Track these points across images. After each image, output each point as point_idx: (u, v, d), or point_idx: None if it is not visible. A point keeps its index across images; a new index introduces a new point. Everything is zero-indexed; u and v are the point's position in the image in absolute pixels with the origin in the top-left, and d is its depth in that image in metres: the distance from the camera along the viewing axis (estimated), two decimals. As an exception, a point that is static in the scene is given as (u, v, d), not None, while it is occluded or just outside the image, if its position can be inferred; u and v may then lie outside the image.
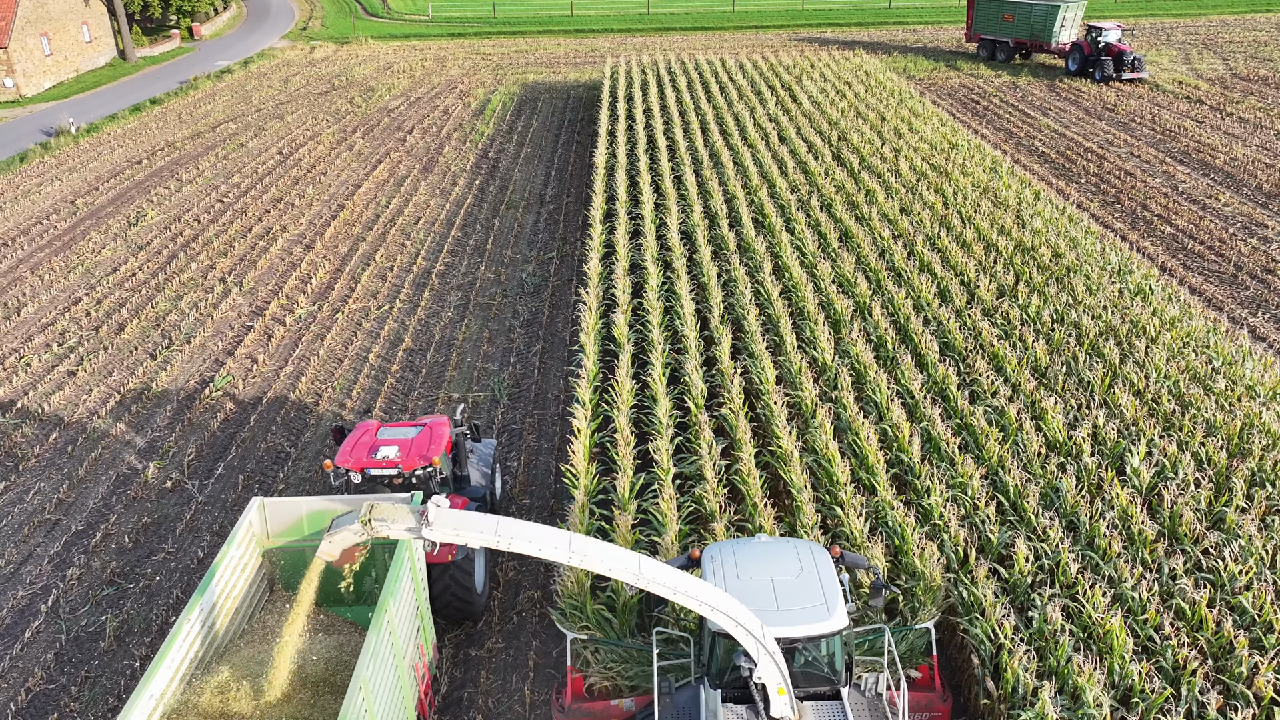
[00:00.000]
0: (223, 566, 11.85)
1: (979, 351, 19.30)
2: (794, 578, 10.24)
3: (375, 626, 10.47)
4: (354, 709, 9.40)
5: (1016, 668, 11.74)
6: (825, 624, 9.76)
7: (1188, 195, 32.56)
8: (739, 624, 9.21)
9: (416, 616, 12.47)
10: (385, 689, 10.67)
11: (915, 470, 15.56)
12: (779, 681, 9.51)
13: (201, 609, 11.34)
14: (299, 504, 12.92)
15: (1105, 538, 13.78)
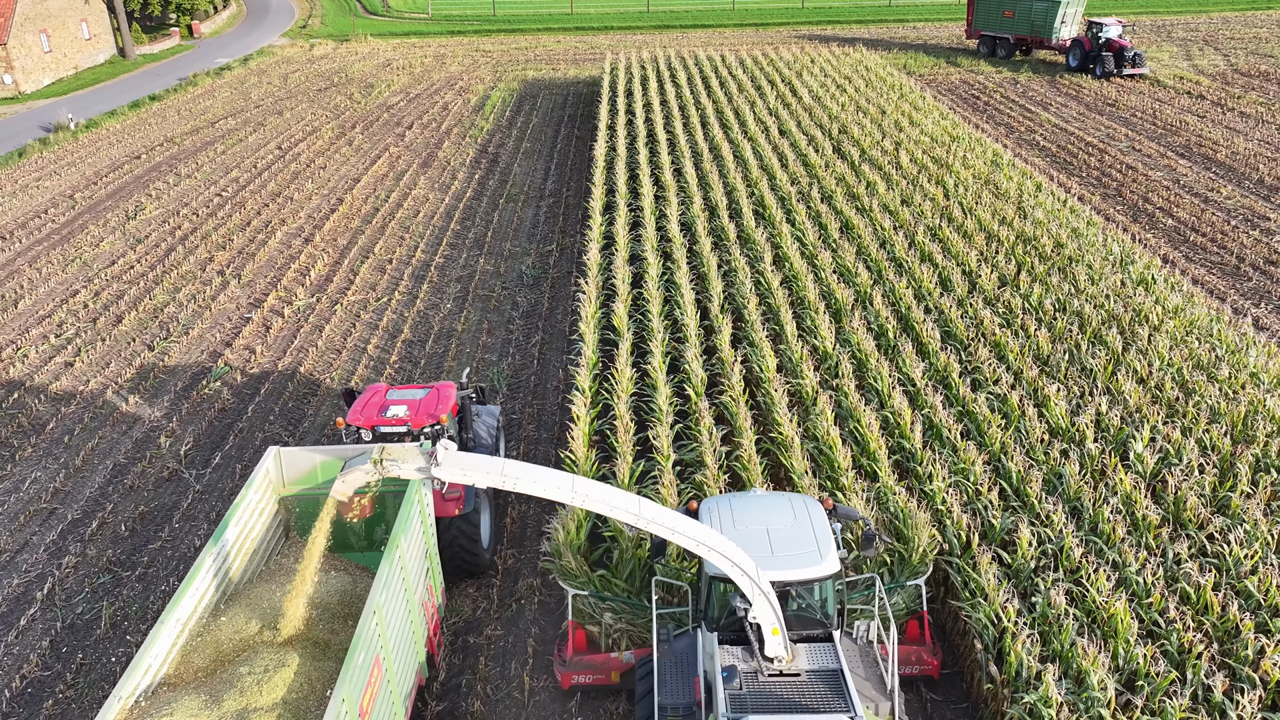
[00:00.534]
0: (241, 508, 12.20)
1: (981, 340, 19.19)
2: (788, 526, 10.51)
3: (388, 559, 10.84)
4: (368, 631, 9.74)
5: (1020, 651, 11.61)
6: (817, 568, 10.04)
7: (1189, 189, 32.44)
8: (734, 564, 9.45)
9: (426, 560, 12.89)
10: (397, 618, 11.07)
11: (917, 456, 15.45)
12: (773, 622, 9.79)
13: (222, 546, 11.65)
14: (313, 453, 13.29)
15: (1109, 523, 13.66)
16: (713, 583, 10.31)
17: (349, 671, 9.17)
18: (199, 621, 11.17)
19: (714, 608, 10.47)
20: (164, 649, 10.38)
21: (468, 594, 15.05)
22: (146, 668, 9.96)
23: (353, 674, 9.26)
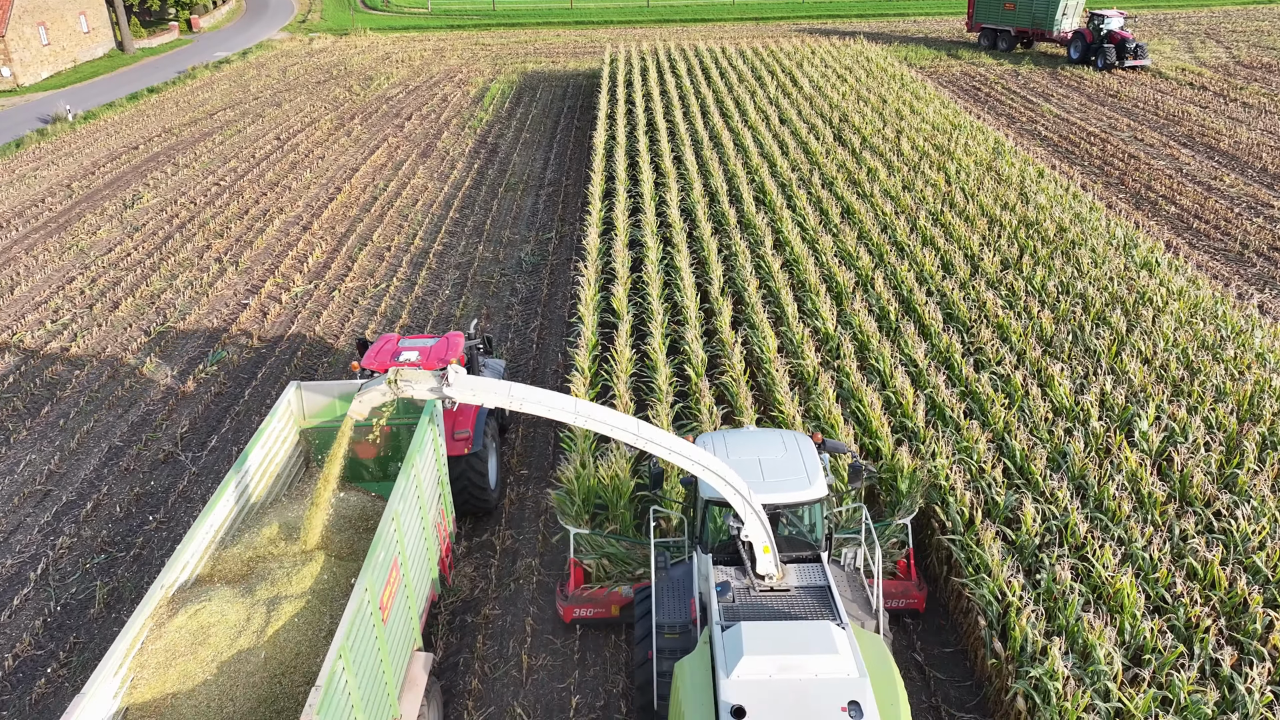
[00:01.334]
0: (265, 436, 12.78)
1: (984, 321, 19.03)
2: (779, 456, 11.05)
3: (404, 473, 11.39)
4: (387, 534, 10.30)
5: (1025, 625, 11.45)
6: (806, 492, 10.55)
7: (1192, 177, 32.27)
8: (728, 483, 9.95)
9: (438, 486, 13.51)
10: (413, 529, 11.69)
11: (920, 435, 15.28)
12: (764, 540, 10.33)
13: (247, 469, 12.21)
14: (331, 387, 13.96)
15: (1115, 499, 13.50)
16: (708, 506, 10.84)
17: (370, 565, 9.64)
18: (228, 531, 11.74)
19: (709, 530, 11.00)
20: (199, 548, 11.00)
21: (465, 574, 14.89)
22: (184, 564, 10.58)
23: (374, 568, 9.70)
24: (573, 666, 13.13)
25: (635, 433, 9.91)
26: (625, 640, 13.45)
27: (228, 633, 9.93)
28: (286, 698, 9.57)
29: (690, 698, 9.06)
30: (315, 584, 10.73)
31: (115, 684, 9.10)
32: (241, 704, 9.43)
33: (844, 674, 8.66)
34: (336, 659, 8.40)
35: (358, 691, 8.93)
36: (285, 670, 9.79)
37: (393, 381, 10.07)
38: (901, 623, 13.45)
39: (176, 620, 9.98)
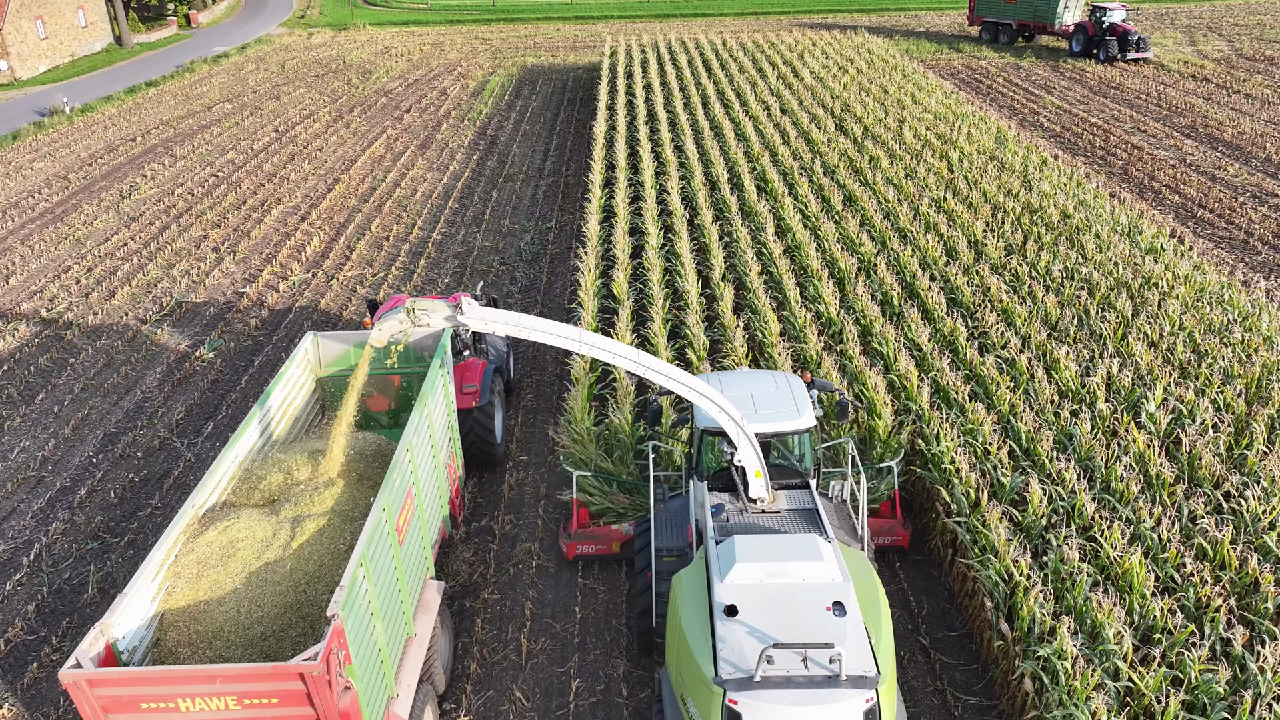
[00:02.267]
0: (284, 380, 13.40)
1: (988, 306, 18.83)
2: (770, 392, 11.78)
3: (418, 409, 11.98)
4: (402, 463, 10.97)
5: (1033, 605, 11.25)
6: (795, 422, 11.25)
7: (1196, 167, 32.06)
8: (722, 409, 10.51)
9: (449, 430, 14.12)
10: (426, 464, 12.29)
11: (925, 417, 15.07)
12: (756, 465, 10.96)
13: (268, 408, 12.84)
14: (347, 336, 14.66)
15: (1123, 481, 13.30)
16: (703, 436, 11.56)
17: (387, 487, 10.34)
18: (251, 462, 12.24)
19: (705, 459, 11.74)
20: (227, 473, 11.61)
21: (464, 559, 14.69)
22: (212, 488, 11.20)
23: (390, 491, 10.38)
24: (572, 650, 12.95)
25: (636, 360, 10.51)
26: (626, 602, 13.76)
27: (255, 547, 10.55)
28: (310, 604, 10.15)
29: (687, 602, 9.77)
30: (336, 505, 11.31)
31: (152, 590, 9.76)
32: (269, 610, 10.06)
33: (829, 579, 9.46)
34: (358, 566, 9.11)
35: (376, 600, 9.60)
36: (309, 580, 10.37)
37: (410, 310, 10.56)
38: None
39: (207, 536, 10.58)
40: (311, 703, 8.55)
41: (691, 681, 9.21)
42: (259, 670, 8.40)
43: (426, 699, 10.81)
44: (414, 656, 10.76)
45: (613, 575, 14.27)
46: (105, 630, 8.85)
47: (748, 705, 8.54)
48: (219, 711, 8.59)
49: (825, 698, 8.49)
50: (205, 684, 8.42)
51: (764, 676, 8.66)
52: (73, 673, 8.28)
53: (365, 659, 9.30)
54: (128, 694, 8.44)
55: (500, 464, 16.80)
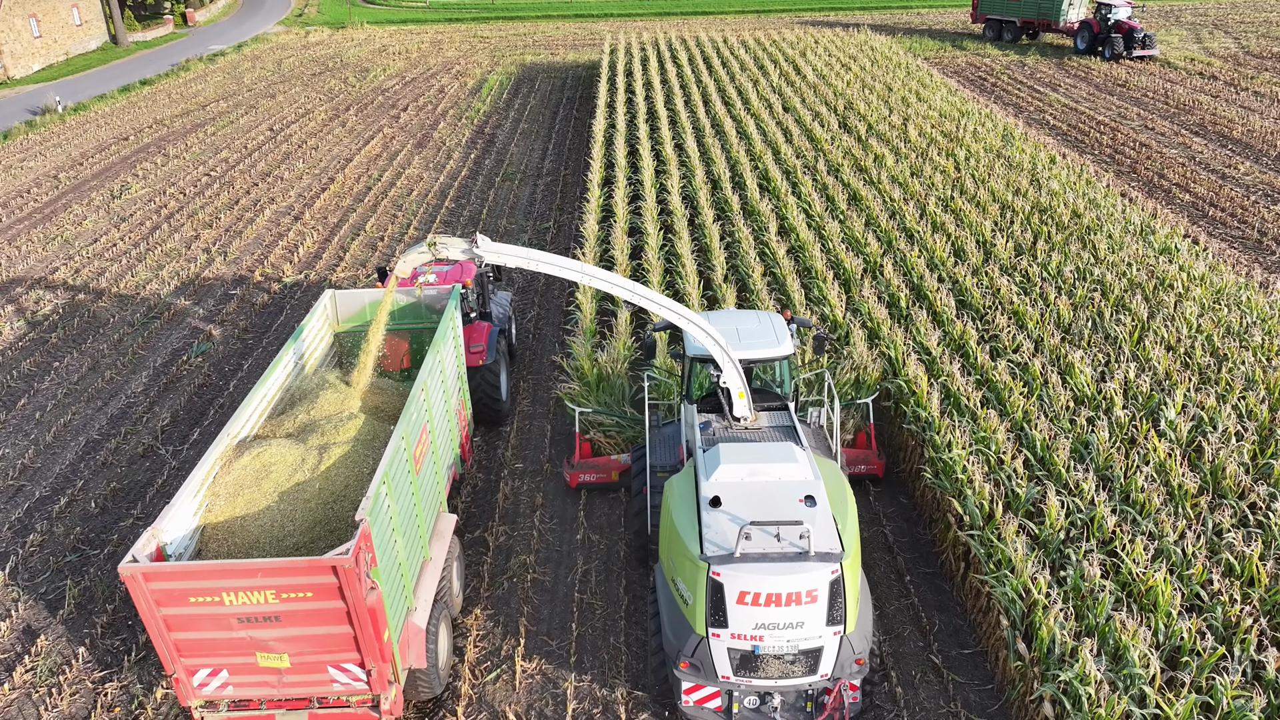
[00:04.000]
0: (305, 333, 14.18)
1: (998, 308, 18.24)
2: (753, 326, 13.09)
3: (432, 353, 12.96)
4: (418, 400, 11.90)
5: (1053, 625, 10.66)
6: (775, 350, 12.56)
7: (1206, 165, 31.47)
8: (708, 334, 11.73)
9: (459, 380, 15.06)
10: (439, 405, 13.20)
11: (935, 424, 14.49)
12: (740, 386, 12.21)
13: (290, 358, 13.64)
14: (362, 295, 15.52)
15: (1143, 491, 12.71)
16: (693, 363, 12.90)
17: (406, 418, 11.28)
18: (278, 403, 13.15)
19: (694, 384, 13.14)
20: (257, 409, 12.43)
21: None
22: (245, 420, 12.02)
23: (409, 421, 11.34)
24: (569, 670, 12.36)
25: (633, 290, 11.67)
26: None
27: (286, 469, 11.38)
28: (337, 520, 11.09)
29: (678, 500, 11.04)
30: (359, 435, 12.11)
31: (194, 505, 10.63)
32: (299, 524, 10.97)
33: (802, 477, 10.80)
34: (381, 483, 10.00)
35: (397, 517, 10.51)
36: (335, 499, 11.29)
37: (432, 244, 11.63)
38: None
39: (242, 460, 11.34)
40: (343, 595, 9.30)
41: (680, 562, 10.46)
42: (296, 564, 9.21)
43: (441, 617, 11.71)
44: (430, 577, 11.67)
45: (611, 588, 13.70)
46: (156, 534, 9.76)
47: (729, 576, 9.82)
48: (259, 605, 9.40)
49: (796, 569, 9.79)
50: (247, 578, 9.23)
51: (743, 553, 9.94)
52: (131, 567, 9.11)
53: (388, 567, 10.11)
54: (178, 587, 9.30)
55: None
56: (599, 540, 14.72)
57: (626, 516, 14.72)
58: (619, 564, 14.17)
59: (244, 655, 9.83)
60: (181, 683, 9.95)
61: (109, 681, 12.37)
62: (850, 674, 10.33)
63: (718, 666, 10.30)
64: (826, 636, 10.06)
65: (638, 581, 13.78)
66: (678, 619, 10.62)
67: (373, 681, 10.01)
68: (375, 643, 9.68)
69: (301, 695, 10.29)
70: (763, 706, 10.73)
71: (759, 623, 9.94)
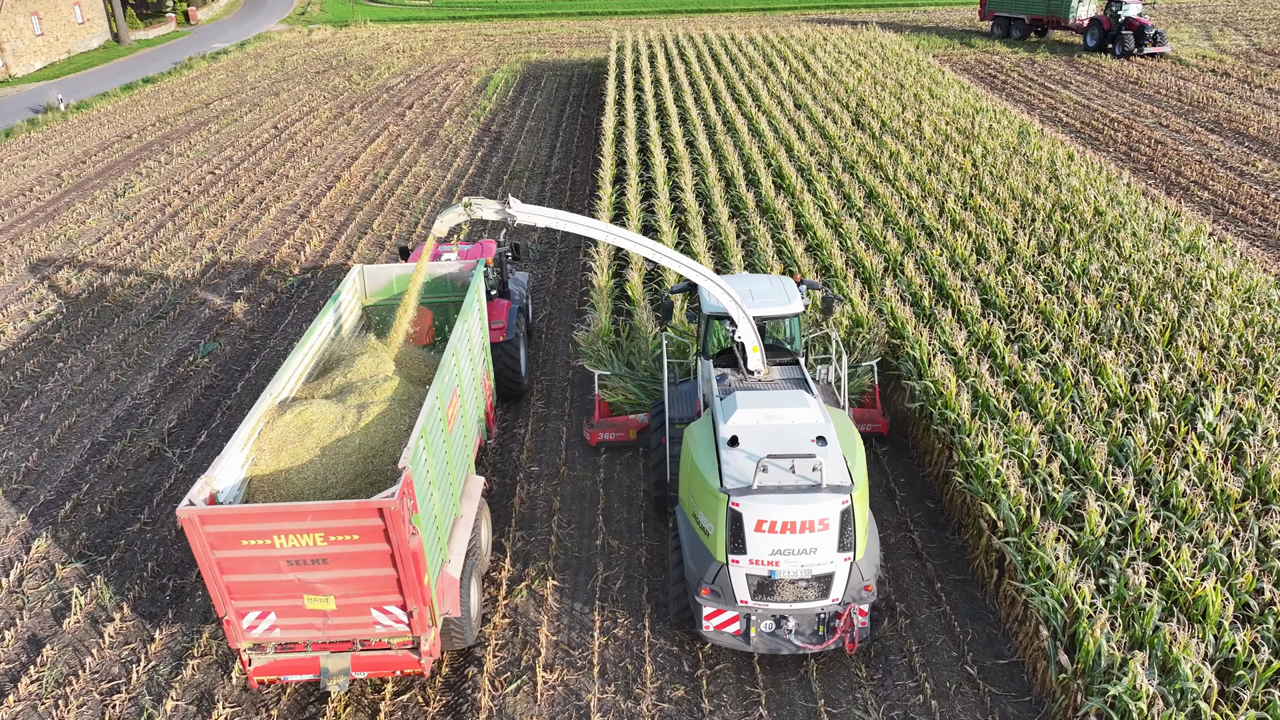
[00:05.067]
0: (337, 303, 14.83)
1: (1024, 307, 17.81)
2: (766, 287, 13.93)
3: (461, 322, 13.61)
4: (449, 365, 12.46)
5: (1099, 636, 10.25)
6: (787, 307, 13.41)
7: (1223, 162, 31.05)
8: (725, 291, 12.49)
9: (484, 351, 15.69)
10: (467, 372, 13.79)
11: (965, 427, 14.07)
12: (753, 341, 12.97)
13: (326, 323, 14.29)
14: (390, 269, 16.19)
15: (1186, 496, 12.29)
16: (709, 320, 13.75)
17: (439, 379, 11.90)
18: (314, 367, 13.78)
19: (710, 340, 13.99)
20: (298, 368, 13.10)
21: (473, 579, 13.71)
22: (285, 381, 12.60)
23: (442, 381, 11.94)
24: (592, 681, 11.96)
25: (654, 248, 12.43)
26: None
27: (327, 426, 11.87)
28: (376, 473, 11.62)
29: (698, 442, 11.76)
30: (395, 395, 12.64)
31: (241, 457, 11.11)
32: (341, 477, 11.53)
33: (813, 420, 11.63)
34: (419, 437, 10.55)
35: (433, 470, 11.08)
36: (374, 453, 11.84)
37: (467, 204, 12.24)
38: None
39: (285, 418, 11.83)
40: (387, 538, 9.79)
41: (701, 497, 11.20)
42: (344, 507, 9.67)
43: (473, 570, 12.25)
44: (461, 533, 12.24)
45: (633, 595, 13.30)
46: (209, 481, 10.23)
47: (747, 506, 10.60)
48: (308, 548, 9.87)
49: (809, 499, 10.57)
50: (298, 520, 9.69)
51: (760, 485, 10.68)
52: (188, 510, 9.56)
53: (426, 516, 10.62)
54: (232, 530, 9.76)
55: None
56: (619, 546, 14.32)
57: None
58: (640, 570, 13.77)
59: (292, 598, 10.30)
60: (231, 625, 10.43)
61: (116, 694, 11.97)
62: (859, 599, 11.19)
63: (737, 592, 11.08)
64: (837, 562, 10.88)
65: (660, 589, 13.38)
66: (699, 550, 11.39)
67: (414, 623, 10.49)
68: (417, 585, 10.17)
69: (345, 638, 10.75)
70: (778, 630, 11.42)
71: (775, 549, 10.74)
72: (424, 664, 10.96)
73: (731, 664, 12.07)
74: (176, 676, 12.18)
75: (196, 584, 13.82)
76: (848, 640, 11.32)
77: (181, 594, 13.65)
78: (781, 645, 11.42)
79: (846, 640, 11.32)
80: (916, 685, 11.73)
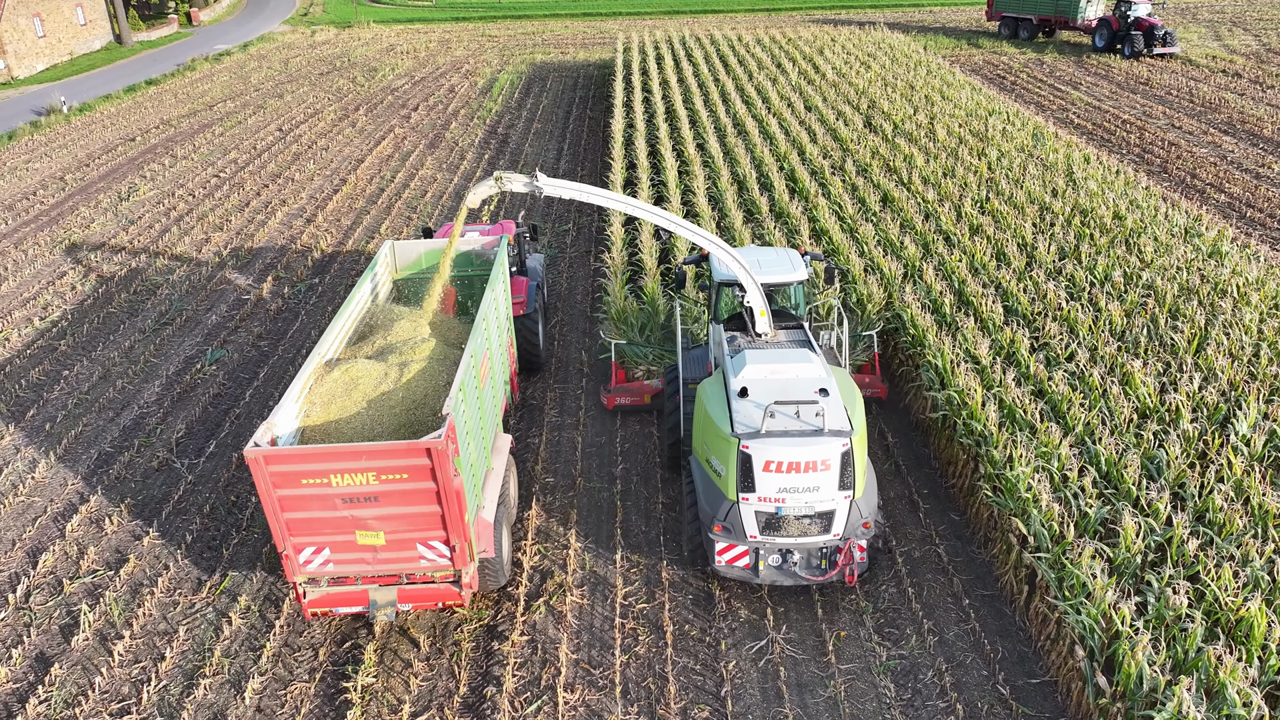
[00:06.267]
0: (372, 275, 15.78)
1: (1047, 314, 17.50)
2: (773, 257, 14.86)
3: (490, 290, 14.60)
4: (479, 329, 13.27)
5: (1140, 659, 9.94)
6: (792, 275, 14.41)
7: (1238, 164, 30.72)
8: (735, 258, 13.46)
9: (508, 320, 16.51)
10: (494, 338, 14.65)
11: (992, 439, 13.76)
12: (761, 305, 13.87)
13: (362, 292, 15.19)
14: (419, 245, 17.02)
15: (1224, 512, 11.97)
16: (720, 287, 14.72)
17: (473, 339, 12.93)
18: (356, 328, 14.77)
19: (720, 305, 14.92)
20: (344, 327, 14.18)
21: (490, 595, 13.41)
22: (331, 341, 13.62)
23: (475, 340, 12.94)
24: (614, 701, 11.65)
25: (669, 218, 13.45)
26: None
27: (372, 382, 12.81)
28: (418, 424, 12.51)
29: (710, 396, 12.84)
30: (432, 354, 13.59)
31: (295, 409, 12.05)
32: (386, 427, 12.47)
33: (816, 374, 12.76)
34: (458, 390, 11.53)
35: (470, 421, 12.11)
36: (416, 405, 12.77)
37: (498, 178, 13.38)
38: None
39: (333, 375, 12.80)
40: (434, 476, 10.73)
41: (714, 442, 12.26)
42: (395, 447, 10.58)
43: (503, 519, 13.12)
44: (493, 484, 13.11)
45: (654, 613, 12.99)
46: (270, 427, 11.11)
47: (756, 448, 11.67)
48: (361, 486, 10.81)
49: (813, 441, 11.66)
50: (353, 460, 10.63)
51: (768, 429, 11.77)
52: (254, 450, 10.48)
53: (464, 462, 11.44)
54: (293, 469, 10.68)
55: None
56: (638, 560, 14.01)
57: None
58: (661, 586, 13.46)
59: (345, 534, 11.25)
60: (289, 560, 11.36)
61: (127, 714, 11.67)
62: (858, 535, 12.25)
63: (746, 527, 12.14)
64: (838, 500, 11.93)
65: (683, 605, 13.07)
66: (711, 491, 12.44)
67: (455, 557, 11.47)
68: (459, 522, 11.17)
69: (393, 572, 11.73)
70: (784, 564, 12.44)
71: (781, 487, 11.79)
72: (464, 596, 11.95)
73: (757, 684, 11.78)
74: (188, 696, 11.89)
75: (208, 601, 13.53)
76: (848, 573, 12.36)
77: (192, 610, 13.36)
78: (787, 577, 12.42)
79: (846, 573, 12.35)
80: (948, 705, 11.43)
